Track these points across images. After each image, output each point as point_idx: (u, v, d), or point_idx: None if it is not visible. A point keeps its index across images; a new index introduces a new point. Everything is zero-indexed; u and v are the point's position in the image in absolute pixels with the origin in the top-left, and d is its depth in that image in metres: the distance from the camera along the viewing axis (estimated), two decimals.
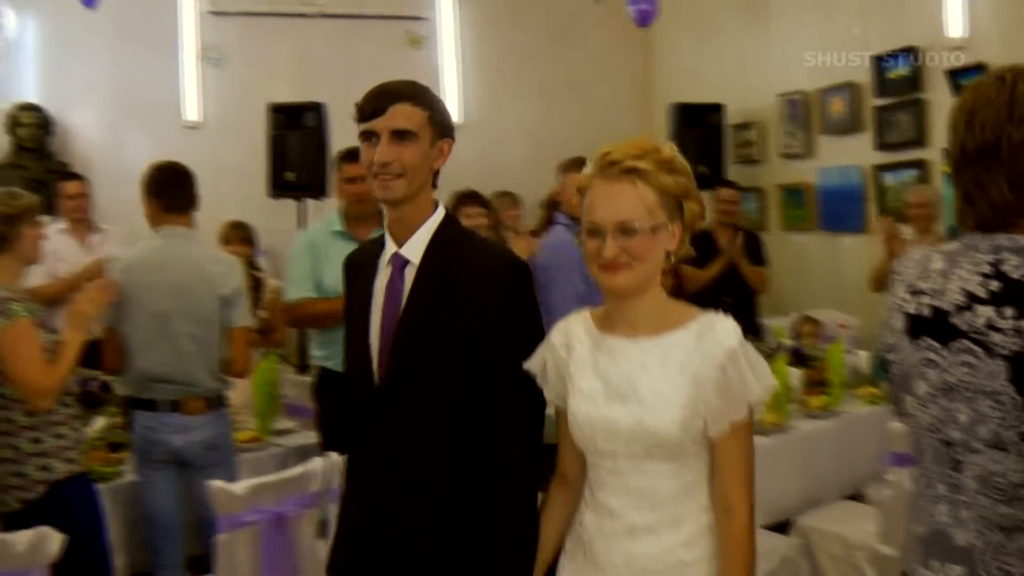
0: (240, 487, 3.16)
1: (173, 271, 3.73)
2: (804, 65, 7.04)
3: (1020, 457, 1.54)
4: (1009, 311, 1.54)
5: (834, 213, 7.02)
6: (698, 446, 1.99)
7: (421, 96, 2.25)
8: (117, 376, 3.96)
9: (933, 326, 1.65)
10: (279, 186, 6.72)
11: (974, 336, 1.57)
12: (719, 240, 6.21)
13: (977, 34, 5.86)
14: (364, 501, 2.27)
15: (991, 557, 1.59)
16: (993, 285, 1.57)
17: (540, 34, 8.58)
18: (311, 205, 6.78)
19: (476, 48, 8.49)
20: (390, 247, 2.28)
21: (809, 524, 4.15)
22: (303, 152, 6.60)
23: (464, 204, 4.68)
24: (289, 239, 4.98)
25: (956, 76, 5.86)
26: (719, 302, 6.15)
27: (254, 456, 4.14)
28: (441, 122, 2.27)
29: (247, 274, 4.34)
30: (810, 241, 7.28)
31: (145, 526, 3.72)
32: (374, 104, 2.21)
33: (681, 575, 1.99)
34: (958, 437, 1.62)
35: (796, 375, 4.78)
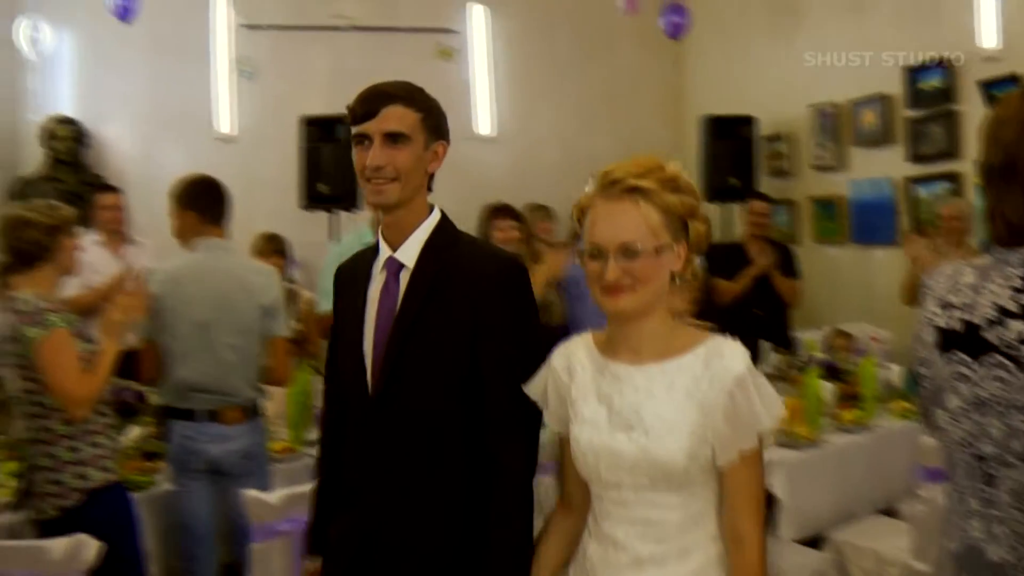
0: (274, 497, 3.19)
1: (214, 282, 3.78)
2: (835, 76, 7.02)
3: None
4: None
5: (866, 226, 6.99)
6: (706, 475, 1.91)
7: (414, 97, 2.20)
8: (155, 386, 4.00)
9: (964, 340, 1.64)
10: (312, 198, 6.76)
11: (1006, 350, 1.57)
12: (751, 253, 6.19)
13: (1010, 45, 5.82)
14: (358, 512, 2.22)
15: None
16: None
17: (572, 47, 8.59)
18: (343, 217, 6.84)
19: (508, 61, 8.52)
20: (384, 252, 2.25)
21: (842, 539, 4.13)
22: (335, 164, 6.59)
23: (497, 217, 4.70)
24: (321, 251, 5.03)
25: (989, 87, 5.83)
26: (751, 315, 6.17)
27: (287, 466, 4.15)
28: (435, 124, 2.22)
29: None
30: (842, 254, 7.25)
31: (180, 534, 3.76)
32: (365, 106, 2.16)
33: None
34: (991, 452, 1.61)
35: (828, 389, 4.76)
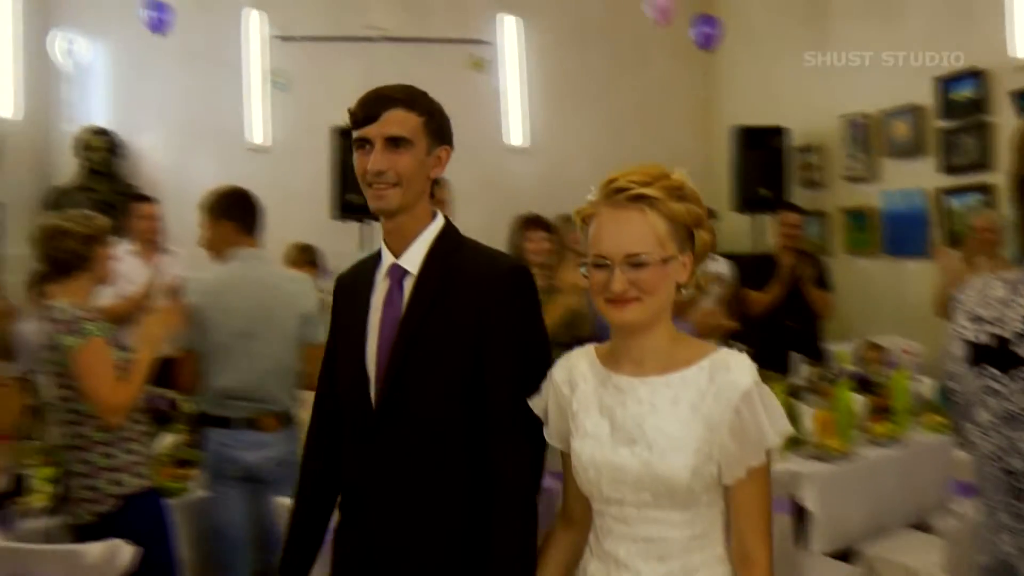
0: None
1: (254, 292, 3.82)
2: (867, 87, 7.00)
3: None
4: None
5: (898, 237, 6.95)
6: (711, 493, 1.86)
7: (416, 101, 2.15)
8: (192, 395, 4.05)
9: (994, 354, 1.64)
10: (343, 208, 6.80)
11: None
12: (782, 264, 6.17)
13: None
14: (362, 526, 2.17)
15: None
16: None
17: (603, 57, 8.63)
18: (375, 227, 6.83)
19: (540, 72, 8.56)
20: (387, 259, 2.20)
21: (874, 553, 4.09)
22: None
23: (528, 228, 4.71)
24: (353, 261, 5.04)
25: (1021, 98, 5.79)
26: (783, 327, 6.13)
27: None
28: (438, 128, 2.18)
29: None
30: (874, 266, 7.21)
31: (214, 541, 3.79)
32: (367, 110, 2.13)
33: None
34: (1020, 466, 1.61)
35: (860, 401, 4.73)
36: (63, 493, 3.42)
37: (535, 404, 2.03)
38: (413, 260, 2.17)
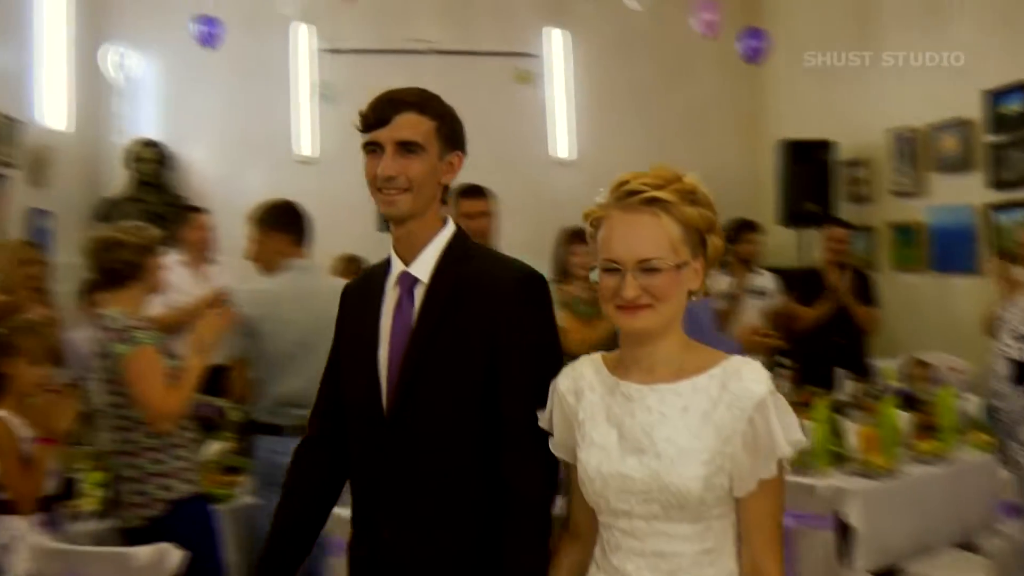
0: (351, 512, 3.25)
1: (311, 302, 3.86)
2: (915, 101, 6.95)
3: None
4: None
5: (946, 253, 6.88)
6: (723, 505, 1.80)
7: (428, 104, 2.10)
8: (244, 403, 4.10)
9: None
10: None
11: None
12: (828, 279, 6.13)
13: None
14: (374, 540, 2.11)
15: None
16: None
17: (650, 70, 8.65)
18: None
19: (586, 84, 8.59)
20: (397, 267, 2.14)
21: (918, 572, 4.06)
22: None
23: (573, 242, 4.73)
24: None
25: None
26: (828, 342, 6.11)
27: None
28: (450, 133, 2.12)
29: None
30: (921, 281, 7.13)
31: (260, 546, 3.83)
32: (378, 113, 2.06)
33: None
34: None
35: (905, 418, 4.69)
36: (113, 497, 3.50)
37: (540, 415, 1.97)
38: (423, 268, 2.11)
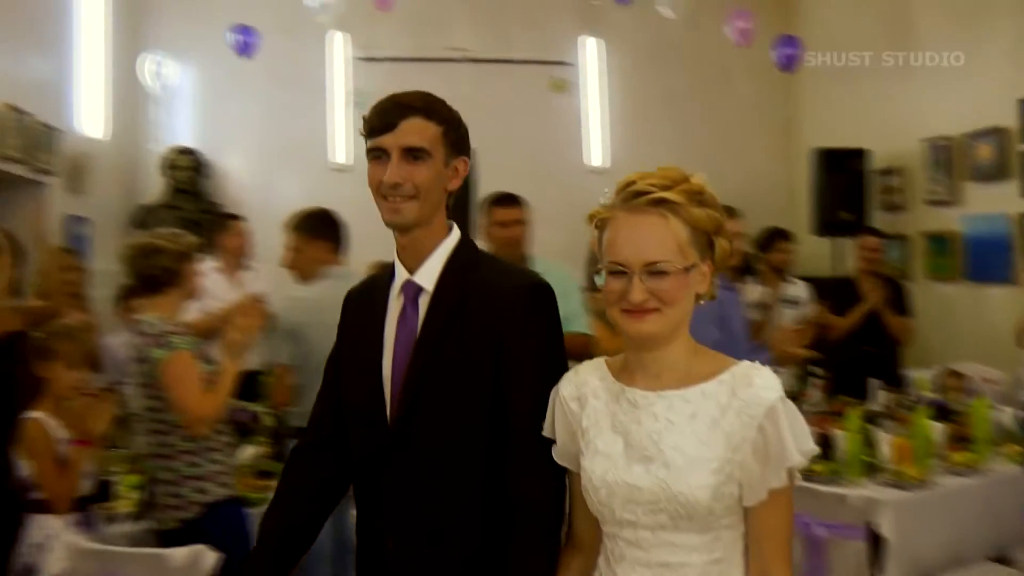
0: None
1: None
2: (949, 109, 6.91)
3: None
4: None
5: (980, 263, 6.82)
6: (732, 515, 1.75)
7: (434, 109, 2.05)
8: (287, 408, 4.14)
9: None
10: None
11: None
12: (862, 289, 6.11)
13: None
14: (380, 550, 2.06)
15: None
16: None
17: (685, 79, 8.66)
18: None
19: (621, 93, 8.61)
20: (401, 275, 2.09)
21: None
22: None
23: None
24: None
25: None
26: (861, 352, 6.07)
27: None
28: (456, 138, 2.07)
29: None
30: (955, 291, 7.08)
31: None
32: (384, 118, 2.01)
33: None
34: None
35: (938, 429, 4.65)
36: (148, 500, 3.55)
37: (544, 426, 1.93)
38: (428, 276, 2.06)
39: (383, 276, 2.17)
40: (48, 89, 6.66)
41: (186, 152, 8.02)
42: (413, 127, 2.00)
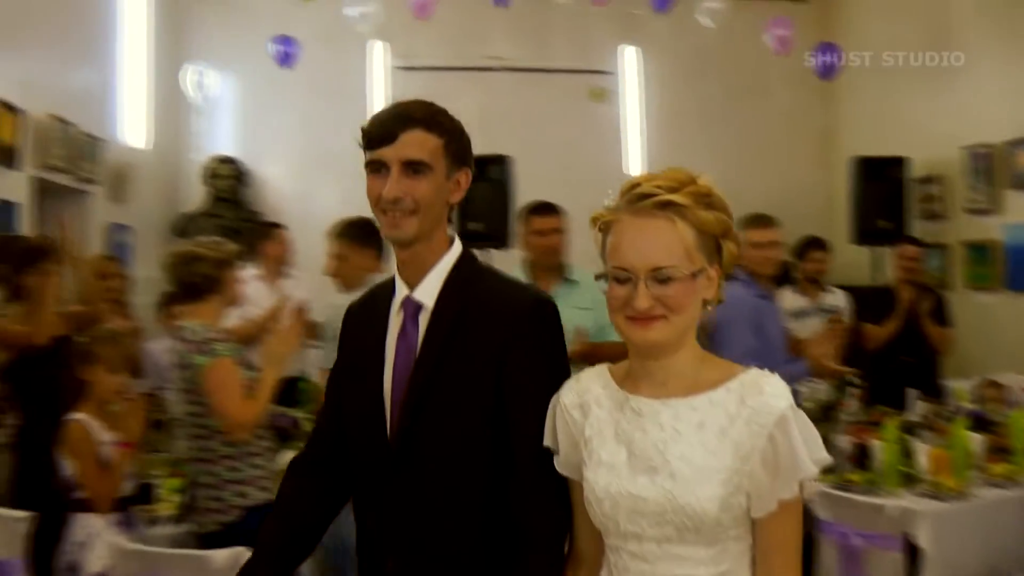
0: None
1: None
2: (990, 117, 6.84)
3: None
4: None
5: (1021, 271, 6.73)
6: (740, 527, 1.69)
7: (436, 120, 1.97)
8: None
9: None
10: (463, 236, 6.79)
11: None
12: (901, 298, 6.07)
13: None
14: (379, 570, 2.01)
15: None
16: None
17: (723, 87, 8.66)
18: (495, 255, 6.89)
19: (659, 102, 8.62)
20: (401, 291, 2.03)
21: None
22: (487, 202, 6.64)
23: None
24: None
25: None
26: (900, 362, 6.02)
27: None
28: (458, 151, 2.00)
29: None
30: (996, 301, 7.00)
31: (335, 553, 3.86)
32: (383, 130, 1.94)
33: None
34: None
35: (977, 440, 4.62)
36: (189, 503, 3.61)
37: (544, 436, 1.87)
38: (428, 293, 2.00)
39: (385, 289, 2.11)
40: (92, 100, 6.79)
41: (227, 161, 8.13)
42: (414, 139, 1.93)
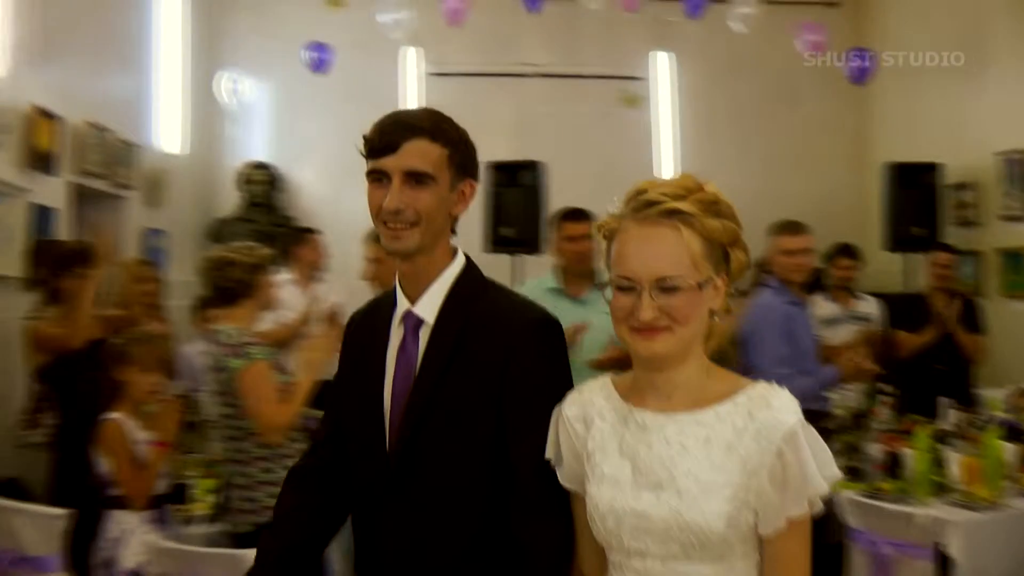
0: None
1: None
2: None
3: None
4: None
5: None
6: (746, 544, 1.64)
7: (440, 129, 1.89)
8: None
9: None
10: (495, 241, 6.83)
11: None
12: (934, 306, 6.03)
13: None
14: None
15: None
16: None
17: (756, 93, 8.66)
18: (527, 260, 6.84)
19: (692, 107, 8.63)
20: (402, 304, 1.97)
21: None
22: (520, 208, 6.70)
23: None
24: None
25: None
26: (932, 370, 5.99)
27: None
28: (463, 160, 1.93)
29: None
30: None
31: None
32: (385, 138, 1.86)
33: None
34: None
35: (1010, 450, 4.58)
36: (224, 503, 3.66)
37: (547, 449, 1.82)
38: (429, 307, 1.94)
39: (387, 300, 2.05)
40: (128, 107, 6.89)
41: (261, 167, 8.21)
42: (416, 149, 1.86)
